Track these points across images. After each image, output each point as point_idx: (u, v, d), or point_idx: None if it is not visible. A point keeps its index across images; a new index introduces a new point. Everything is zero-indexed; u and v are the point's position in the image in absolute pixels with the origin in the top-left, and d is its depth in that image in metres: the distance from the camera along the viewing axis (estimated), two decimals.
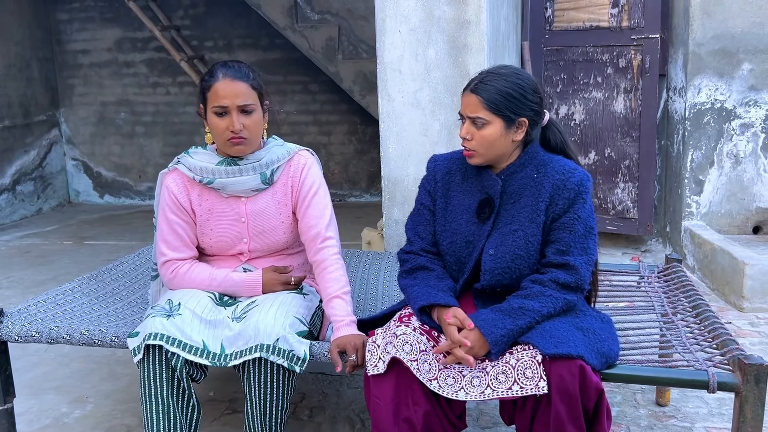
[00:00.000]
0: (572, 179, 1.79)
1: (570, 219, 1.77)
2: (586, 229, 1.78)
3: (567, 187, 1.79)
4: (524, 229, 1.80)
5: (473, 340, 1.70)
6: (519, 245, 1.79)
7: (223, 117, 1.97)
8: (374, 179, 6.30)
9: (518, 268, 1.80)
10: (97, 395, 2.77)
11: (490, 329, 1.69)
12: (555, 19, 4.66)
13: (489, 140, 1.79)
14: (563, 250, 1.77)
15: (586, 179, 1.81)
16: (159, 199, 2.12)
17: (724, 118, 4.22)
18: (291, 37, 5.60)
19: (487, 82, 1.79)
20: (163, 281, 2.15)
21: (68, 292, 2.34)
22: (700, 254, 4.07)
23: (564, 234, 1.77)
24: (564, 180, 1.79)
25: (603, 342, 1.71)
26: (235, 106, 1.96)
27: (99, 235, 5.50)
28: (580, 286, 1.77)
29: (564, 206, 1.78)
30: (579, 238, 1.77)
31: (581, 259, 1.76)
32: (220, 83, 1.96)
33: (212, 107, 1.98)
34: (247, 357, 1.84)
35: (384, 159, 3.08)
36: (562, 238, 1.78)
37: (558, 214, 1.79)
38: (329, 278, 2.02)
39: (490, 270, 1.81)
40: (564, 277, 1.75)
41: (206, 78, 2.00)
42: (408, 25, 2.93)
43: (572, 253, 1.76)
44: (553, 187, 1.80)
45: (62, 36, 6.57)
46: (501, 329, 1.69)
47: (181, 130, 6.53)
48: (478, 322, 1.71)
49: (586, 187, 1.79)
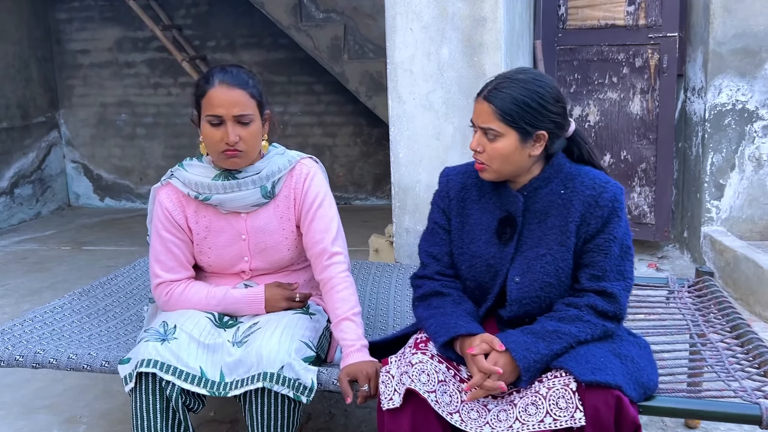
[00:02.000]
0: (605, 195, 1.61)
1: (605, 240, 1.60)
2: (622, 250, 1.61)
3: (600, 204, 1.61)
4: (553, 253, 1.62)
5: (502, 365, 1.53)
6: (548, 272, 1.62)
7: (217, 127, 1.80)
8: (380, 182, 6.17)
9: (548, 297, 1.63)
10: (90, 415, 2.62)
11: (522, 353, 1.52)
12: (569, 17, 4.53)
13: (502, 154, 1.60)
14: (599, 275, 1.60)
15: (620, 193, 1.63)
16: (152, 216, 1.96)
17: (745, 119, 4.08)
18: (295, 36, 5.47)
19: (502, 89, 1.60)
20: (158, 304, 1.99)
21: (57, 309, 2.19)
22: (721, 261, 3.93)
23: (599, 257, 1.60)
24: (596, 196, 1.61)
25: (642, 371, 1.55)
26: (231, 116, 1.79)
27: (98, 240, 5.37)
28: (619, 315, 1.60)
29: (597, 226, 1.61)
30: (615, 260, 1.60)
31: (619, 285, 1.59)
32: (216, 90, 1.79)
33: (206, 116, 1.81)
34: (249, 387, 1.69)
35: (394, 164, 2.91)
36: (596, 262, 1.60)
37: (591, 235, 1.61)
38: (338, 298, 1.86)
39: (517, 300, 1.64)
40: (602, 304, 1.58)
41: (201, 83, 1.83)
42: (420, 23, 2.76)
43: (608, 279, 1.59)
44: (584, 204, 1.62)
45: (62, 36, 6.46)
46: (534, 354, 1.52)
47: (182, 132, 6.42)
48: (508, 344, 1.54)
49: (620, 202, 1.61)
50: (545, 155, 1.67)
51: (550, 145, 1.64)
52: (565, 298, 1.63)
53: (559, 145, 1.68)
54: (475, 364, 1.55)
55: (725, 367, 1.77)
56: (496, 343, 1.55)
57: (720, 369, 1.77)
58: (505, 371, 1.53)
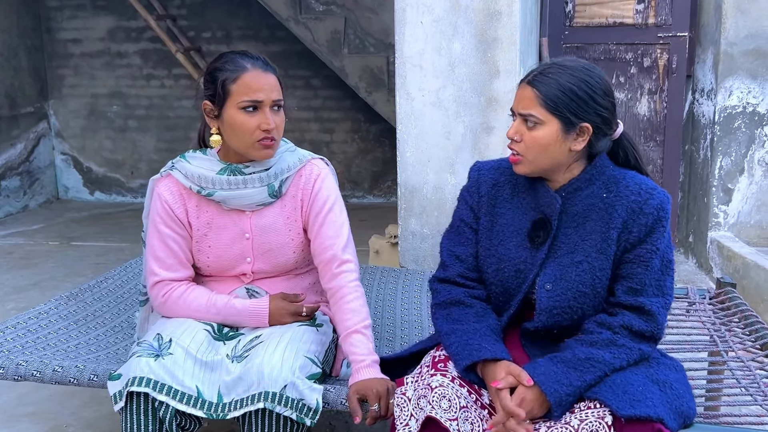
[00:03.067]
0: (651, 201, 1.48)
1: (647, 251, 1.47)
2: (663, 264, 1.49)
3: (645, 211, 1.48)
4: (590, 261, 1.49)
5: (531, 400, 1.40)
6: (584, 281, 1.49)
7: (252, 114, 1.68)
8: (377, 180, 6.05)
9: (581, 308, 1.50)
10: (77, 424, 2.49)
11: (552, 386, 1.39)
12: (576, 15, 4.42)
13: (541, 144, 1.48)
14: (637, 289, 1.47)
15: (667, 201, 1.50)
16: (149, 209, 1.82)
17: (756, 123, 3.99)
18: (294, 29, 5.34)
19: (548, 74, 1.47)
20: (154, 305, 1.85)
21: (42, 315, 2.04)
22: (729, 268, 3.83)
23: (639, 269, 1.47)
24: (641, 202, 1.49)
25: (681, 398, 1.42)
26: (271, 101, 1.69)
27: (87, 235, 5.22)
28: (656, 335, 1.47)
29: (640, 235, 1.48)
30: (656, 274, 1.47)
31: (657, 302, 1.47)
32: (252, 74, 1.68)
33: (240, 102, 1.68)
34: (249, 407, 1.55)
35: (401, 164, 2.78)
36: (635, 274, 1.48)
37: (632, 244, 1.48)
38: (347, 309, 1.74)
39: (547, 309, 1.50)
40: (638, 324, 1.46)
41: (226, 68, 1.70)
42: (431, 16, 2.63)
43: (647, 294, 1.46)
44: (628, 210, 1.49)
45: (52, 24, 6.29)
46: (566, 387, 1.39)
47: (176, 125, 6.28)
48: (536, 377, 1.41)
49: (666, 212, 1.49)
50: (587, 155, 1.54)
51: (594, 143, 1.51)
52: (597, 316, 1.50)
53: (603, 146, 1.54)
54: (500, 400, 1.42)
55: (760, 389, 1.65)
56: (524, 377, 1.42)
57: (755, 391, 1.65)
58: (533, 407, 1.41)
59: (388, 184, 6.08)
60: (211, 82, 1.72)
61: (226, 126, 1.71)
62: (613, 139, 1.56)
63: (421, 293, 2.44)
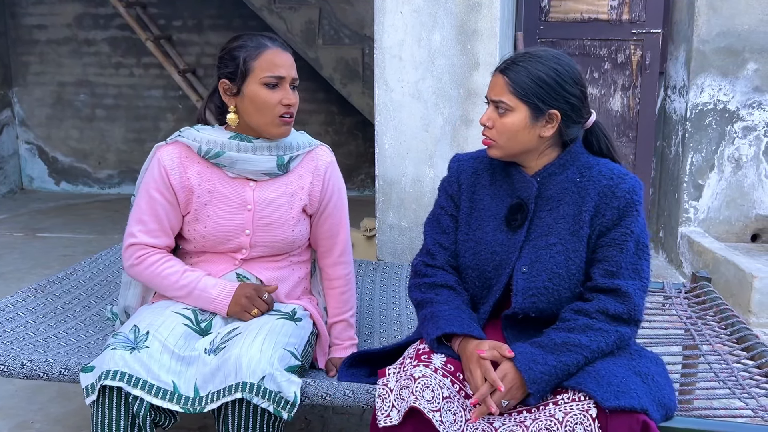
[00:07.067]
0: (623, 185, 1.52)
1: (621, 234, 1.50)
2: (638, 248, 1.51)
3: (616, 194, 1.52)
4: (564, 243, 1.53)
5: (511, 378, 1.41)
6: (558, 262, 1.52)
7: (274, 90, 1.73)
8: (351, 173, 6.01)
9: (556, 290, 1.51)
10: (44, 420, 2.41)
11: (527, 364, 1.40)
12: (551, 10, 4.43)
13: (510, 130, 1.54)
14: (613, 271, 1.49)
15: (639, 186, 1.54)
16: (145, 174, 1.81)
17: (726, 120, 4.05)
18: (267, 18, 5.26)
19: (519, 63, 1.53)
20: (125, 266, 1.83)
21: (9, 308, 1.96)
22: (699, 263, 3.89)
23: (614, 252, 1.50)
24: (613, 186, 1.53)
25: (662, 390, 1.43)
26: (291, 78, 1.76)
27: (54, 226, 5.09)
28: (633, 317, 1.48)
29: (613, 218, 1.51)
30: (631, 257, 1.50)
31: (633, 284, 1.48)
32: (274, 51, 1.74)
33: (262, 78, 1.72)
34: (226, 398, 1.51)
35: (379, 156, 2.75)
36: (611, 257, 1.50)
37: (607, 228, 1.52)
38: (341, 299, 1.94)
39: (523, 290, 1.52)
40: (614, 306, 1.47)
41: (247, 45, 1.74)
42: (411, 6, 2.60)
43: (623, 276, 1.48)
44: (600, 194, 1.53)
45: (16, 9, 6.11)
46: (542, 365, 1.40)
47: (145, 115, 6.15)
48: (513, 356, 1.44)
49: (638, 195, 1.53)
50: (561, 142, 1.59)
51: (564, 130, 1.56)
52: (573, 304, 1.52)
53: (575, 133, 1.59)
54: (482, 369, 1.43)
55: (738, 383, 1.67)
56: (505, 348, 1.45)
57: (733, 384, 1.67)
58: (513, 386, 1.42)
59: (362, 177, 6.04)
60: (230, 59, 1.74)
61: (247, 102, 1.74)
62: (586, 128, 1.61)
63: (399, 287, 2.41)
